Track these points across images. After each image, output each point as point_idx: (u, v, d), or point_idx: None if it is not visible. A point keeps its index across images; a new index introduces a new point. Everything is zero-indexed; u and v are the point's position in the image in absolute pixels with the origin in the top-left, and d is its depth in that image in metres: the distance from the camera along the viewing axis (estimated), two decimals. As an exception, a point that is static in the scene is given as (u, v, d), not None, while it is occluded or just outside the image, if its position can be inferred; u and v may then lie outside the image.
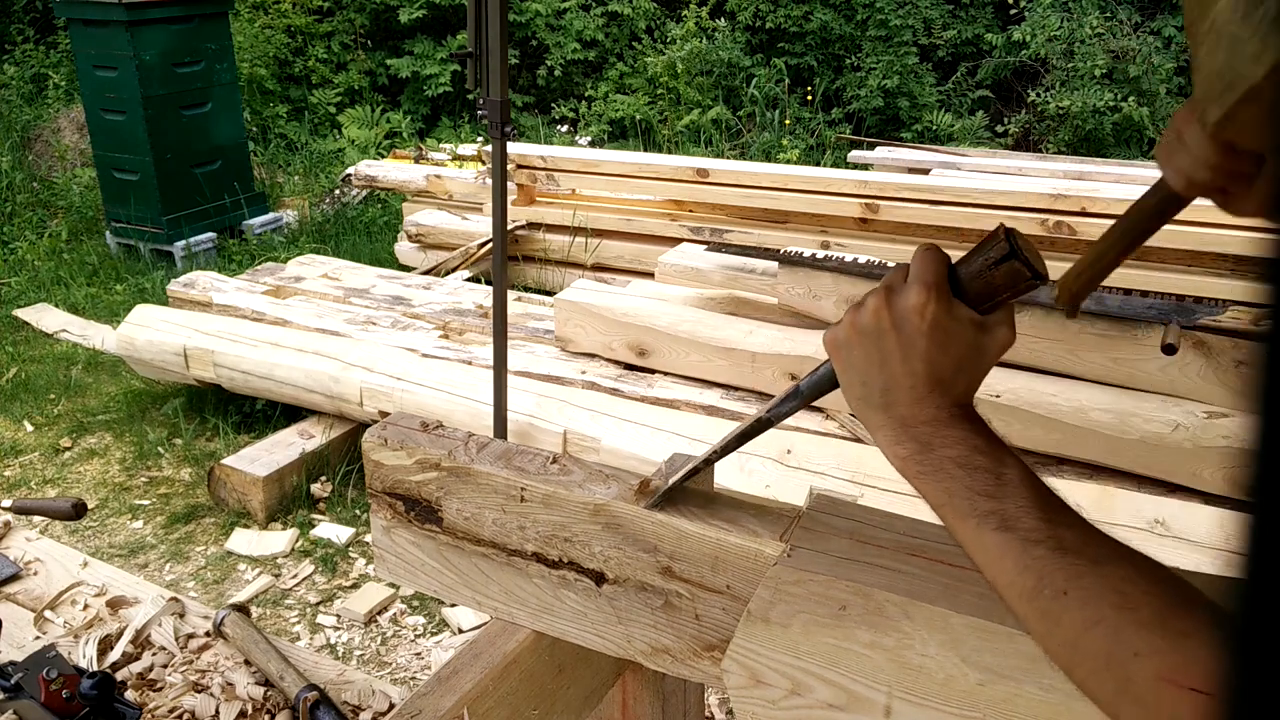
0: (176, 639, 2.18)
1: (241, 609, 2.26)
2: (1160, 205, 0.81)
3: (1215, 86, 0.62)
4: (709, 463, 0.96)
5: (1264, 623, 0.29)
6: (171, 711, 1.99)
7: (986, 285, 0.72)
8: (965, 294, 0.73)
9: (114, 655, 2.12)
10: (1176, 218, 0.82)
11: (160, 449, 3.79)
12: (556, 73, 8.60)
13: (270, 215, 6.24)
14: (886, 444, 0.73)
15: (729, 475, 2.58)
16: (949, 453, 0.68)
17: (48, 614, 2.25)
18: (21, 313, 5.05)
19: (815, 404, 0.92)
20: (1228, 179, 0.73)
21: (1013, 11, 7.96)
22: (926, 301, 0.71)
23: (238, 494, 3.37)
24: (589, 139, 8.01)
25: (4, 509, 2.38)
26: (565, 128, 8.41)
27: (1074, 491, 2.53)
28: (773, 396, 0.84)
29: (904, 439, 0.71)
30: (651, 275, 4.04)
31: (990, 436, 0.69)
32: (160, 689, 2.06)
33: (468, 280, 4.81)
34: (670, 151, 7.56)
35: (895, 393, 0.72)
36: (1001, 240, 0.72)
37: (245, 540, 3.24)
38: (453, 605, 2.86)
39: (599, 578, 1.02)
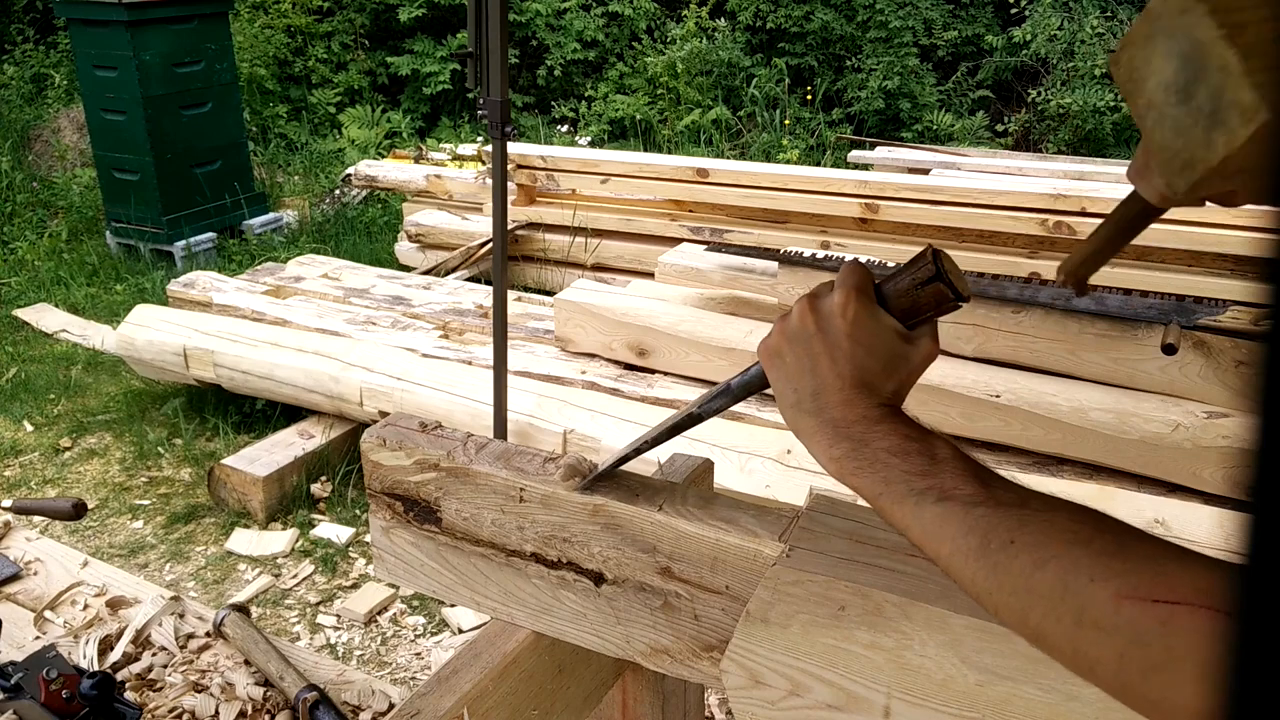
0: (176, 639, 2.18)
1: (241, 609, 2.26)
2: (1145, 209, 0.81)
3: (1172, 162, 0.64)
4: (638, 453, 0.97)
5: (1264, 623, 0.29)
6: (171, 711, 1.99)
7: (912, 303, 0.76)
8: (891, 310, 0.76)
9: (114, 655, 2.12)
10: (1176, 217, 0.82)
11: (160, 449, 3.79)
12: (556, 73, 8.60)
13: (270, 215, 6.24)
14: (821, 448, 0.74)
15: (729, 475, 2.57)
16: (882, 444, 0.69)
17: (48, 614, 2.25)
18: (21, 313, 5.05)
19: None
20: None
21: (1013, 12, 7.95)
22: (847, 302, 0.74)
23: (238, 494, 3.37)
24: (589, 139, 8.00)
25: (4, 509, 2.38)
26: (565, 128, 8.41)
27: (1074, 492, 2.53)
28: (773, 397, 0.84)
29: (838, 440, 0.72)
30: (651, 275, 4.04)
31: (920, 427, 0.71)
32: (160, 689, 2.06)
33: (468, 280, 4.81)
34: (670, 151, 7.55)
35: (825, 395, 0.74)
36: (929, 262, 0.76)
37: (245, 540, 3.24)
38: (452, 605, 2.86)
39: (598, 578, 1.01)
